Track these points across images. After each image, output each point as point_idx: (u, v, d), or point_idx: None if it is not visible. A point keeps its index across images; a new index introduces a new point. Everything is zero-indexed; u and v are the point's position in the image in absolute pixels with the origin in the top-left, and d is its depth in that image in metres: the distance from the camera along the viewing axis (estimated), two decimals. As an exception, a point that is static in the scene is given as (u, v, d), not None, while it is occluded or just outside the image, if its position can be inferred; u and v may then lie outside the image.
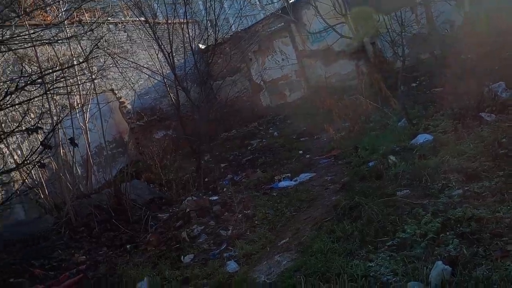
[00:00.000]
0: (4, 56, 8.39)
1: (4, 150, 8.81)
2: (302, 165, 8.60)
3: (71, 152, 9.22)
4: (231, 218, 6.34)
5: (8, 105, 5.79)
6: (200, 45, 13.64)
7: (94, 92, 10.32)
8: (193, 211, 6.88)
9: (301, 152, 9.82)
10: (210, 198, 7.58)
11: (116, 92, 13.09)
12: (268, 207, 6.33)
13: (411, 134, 7.51)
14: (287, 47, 15.60)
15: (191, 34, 11.90)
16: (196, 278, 4.63)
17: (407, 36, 10.08)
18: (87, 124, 10.11)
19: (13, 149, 9.09)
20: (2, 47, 5.74)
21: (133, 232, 6.80)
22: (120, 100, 13.12)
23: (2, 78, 8.79)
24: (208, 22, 13.90)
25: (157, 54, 11.87)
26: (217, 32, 13.50)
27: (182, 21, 11.83)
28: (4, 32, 5.81)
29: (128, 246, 6.28)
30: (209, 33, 13.52)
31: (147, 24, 11.26)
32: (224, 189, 8.28)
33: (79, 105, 10.10)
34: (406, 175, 5.55)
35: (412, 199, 4.74)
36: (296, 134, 11.76)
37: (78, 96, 10.08)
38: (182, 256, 5.42)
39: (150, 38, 11.81)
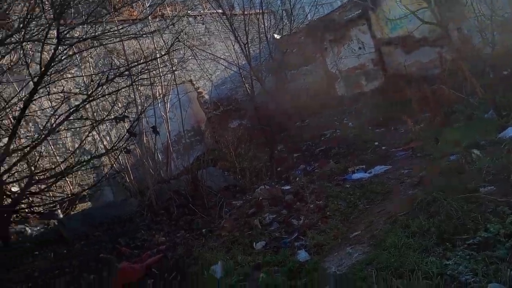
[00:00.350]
0: (96, 50, 9.11)
1: (95, 137, 9.63)
2: (378, 157, 8.35)
3: (153, 140, 9.80)
4: (303, 208, 6.37)
5: (100, 95, 6.34)
6: (276, 35, 13.70)
7: (175, 83, 10.85)
8: (265, 199, 7.02)
9: (376, 143, 9.52)
10: (283, 188, 7.67)
11: (195, 83, 13.65)
12: (341, 199, 6.26)
13: (499, 126, 6.97)
14: (364, 35, 15.08)
15: (266, 25, 12.03)
16: (268, 265, 4.74)
17: (497, 20, 9.28)
18: (167, 114, 10.68)
19: (103, 136, 9.92)
20: (95, 42, 6.27)
21: (209, 217, 7.11)
22: (198, 91, 13.66)
23: (94, 70, 9.58)
24: (284, 12, 13.94)
25: (233, 45, 12.17)
26: (292, 21, 13.52)
27: (258, 11, 12.00)
28: (96, 28, 6.32)
29: (203, 230, 6.59)
30: (284, 23, 13.57)
31: (224, 16, 11.59)
32: (297, 179, 8.32)
33: (161, 95, 10.68)
34: (491, 170, 5.18)
35: (497, 196, 4.42)
36: (372, 125, 11.42)
37: (160, 87, 10.67)
38: (254, 243, 5.56)
39: (227, 30, 12.15)
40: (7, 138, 5.59)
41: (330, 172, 8.04)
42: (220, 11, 12.11)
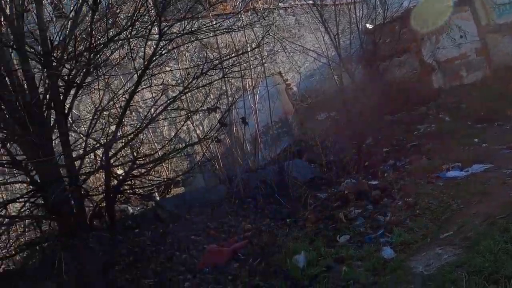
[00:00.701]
0: (192, 44, 9.60)
1: (190, 126, 10.23)
2: (477, 154, 7.76)
3: (242, 130, 10.14)
4: (390, 205, 6.21)
5: (194, 87, 6.73)
6: (368, 25, 13.24)
7: (264, 75, 11.07)
8: (351, 193, 6.94)
9: (476, 140, 8.83)
10: (370, 182, 7.51)
11: (283, 75, 13.77)
12: (432, 197, 5.99)
13: None
14: (467, 23, 13.92)
15: (358, 14, 11.70)
16: (351, 259, 4.73)
17: None
18: (256, 105, 10.94)
19: (196, 125, 10.49)
20: (191, 37, 6.65)
21: (293, 208, 7.23)
22: (287, 83, 13.76)
23: (190, 64, 10.15)
24: (377, 0, 13.40)
25: (323, 37, 12.03)
26: (386, 10, 12.95)
27: (350, 1, 11.72)
28: (193, 24, 6.69)
29: (288, 220, 6.72)
30: (377, 12, 13.05)
31: (315, 7, 11.50)
32: (385, 175, 8.07)
33: (251, 87, 10.97)
34: None
35: None
36: (471, 120, 10.58)
37: (250, 79, 10.95)
38: (338, 236, 5.57)
39: (317, 21, 12.04)
40: (114, 126, 6.20)
41: (421, 169, 7.67)
42: (310, 2, 12.04)
